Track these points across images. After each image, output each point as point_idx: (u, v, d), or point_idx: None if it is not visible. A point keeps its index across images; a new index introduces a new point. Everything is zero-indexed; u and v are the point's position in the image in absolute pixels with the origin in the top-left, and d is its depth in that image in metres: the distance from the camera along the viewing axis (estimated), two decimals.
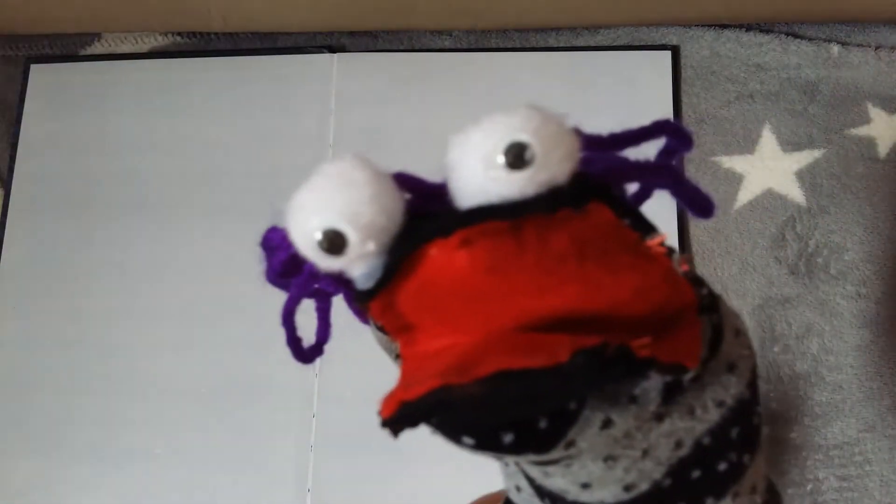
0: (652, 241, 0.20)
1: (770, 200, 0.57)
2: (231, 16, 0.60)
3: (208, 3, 0.59)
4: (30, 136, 0.64)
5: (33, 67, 0.65)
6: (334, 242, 0.19)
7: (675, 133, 0.22)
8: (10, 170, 0.63)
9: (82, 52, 0.65)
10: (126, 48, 0.65)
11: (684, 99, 0.59)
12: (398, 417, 0.18)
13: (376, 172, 0.19)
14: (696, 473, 0.21)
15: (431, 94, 0.61)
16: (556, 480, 0.22)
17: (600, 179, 0.20)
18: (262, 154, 0.61)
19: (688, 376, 0.20)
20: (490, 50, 0.61)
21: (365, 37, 0.63)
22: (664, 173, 0.22)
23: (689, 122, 0.58)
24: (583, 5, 0.57)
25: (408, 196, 0.20)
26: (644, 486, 0.21)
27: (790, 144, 0.58)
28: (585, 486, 0.22)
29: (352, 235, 0.19)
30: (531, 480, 0.22)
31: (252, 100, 0.62)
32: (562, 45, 0.61)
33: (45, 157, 0.63)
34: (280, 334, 0.24)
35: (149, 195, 0.62)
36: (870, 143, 0.57)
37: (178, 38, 0.64)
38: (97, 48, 0.65)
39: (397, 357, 0.22)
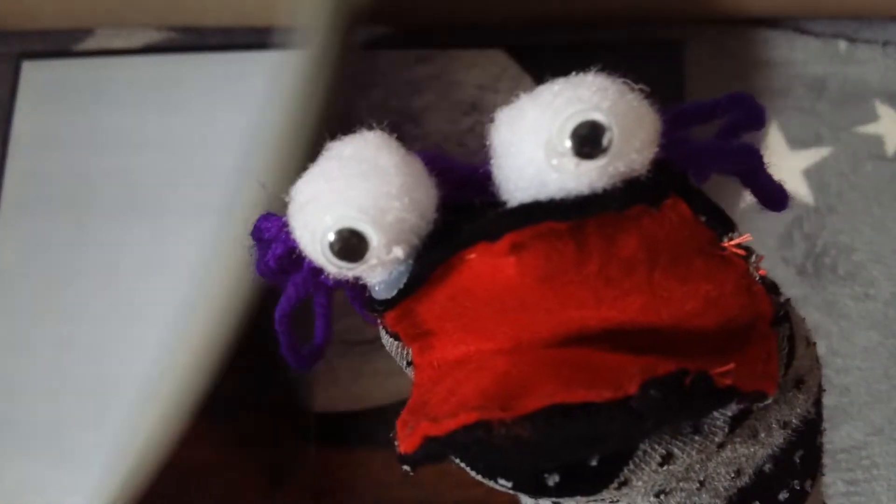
0: (729, 242, 0.17)
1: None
2: (226, 11, 0.60)
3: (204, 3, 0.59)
4: (21, 134, 0.63)
5: (25, 64, 0.64)
6: (352, 246, 0.15)
7: (748, 108, 0.19)
8: (2, 167, 0.63)
9: (75, 48, 0.65)
10: (119, 43, 0.65)
11: (689, 96, 0.59)
12: (422, 455, 0.15)
13: (405, 156, 0.16)
14: None
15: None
16: None
17: (679, 168, 0.17)
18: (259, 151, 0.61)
19: (765, 403, 0.17)
20: (490, 47, 0.61)
21: (363, 32, 0.63)
22: (748, 159, 0.18)
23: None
24: (585, 3, 0.56)
25: (438, 181, 0.16)
26: None
27: (797, 142, 0.57)
28: None
29: (374, 238, 0.15)
30: None
31: (248, 96, 0.62)
32: (564, 40, 0.61)
33: (36, 154, 0.63)
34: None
35: (142, 193, 0.61)
36: (878, 140, 0.57)
37: (172, 34, 0.64)
38: (90, 44, 0.65)
39: (409, 364, 0.19)
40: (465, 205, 0.16)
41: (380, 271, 0.16)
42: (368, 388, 0.57)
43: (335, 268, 0.16)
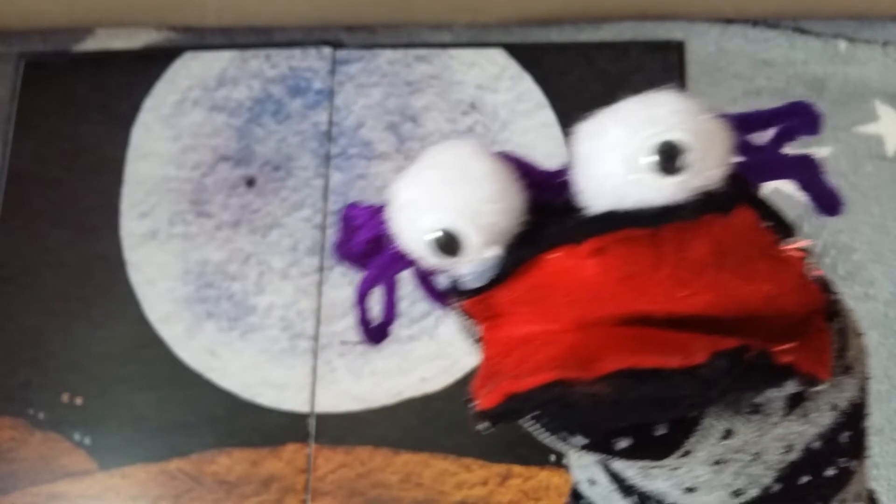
0: (789, 246, 0.18)
1: (777, 199, 0.56)
2: (226, 10, 0.60)
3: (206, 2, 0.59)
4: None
5: (26, 64, 0.65)
6: (450, 244, 0.17)
7: (805, 116, 0.20)
8: (2, 168, 0.63)
9: (75, 48, 0.65)
10: (119, 43, 0.64)
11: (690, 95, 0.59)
12: (503, 410, 0.17)
13: (495, 163, 0.18)
14: (804, 479, 0.20)
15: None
16: (658, 483, 0.20)
17: (748, 179, 0.18)
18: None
19: (819, 388, 0.18)
20: (490, 45, 0.61)
21: (363, 31, 0.63)
22: (807, 168, 0.20)
23: None
24: (584, 0, 0.56)
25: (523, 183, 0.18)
26: (753, 492, 0.20)
27: (797, 142, 0.57)
28: (690, 490, 0.20)
29: (472, 238, 0.17)
30: (618, 479, 0.21)
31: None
32: (564, 39, 0.60)
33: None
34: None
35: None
36: (878, 140, 0.57)
37: (172, 33, 0.64)
38: (90, 44, 0.65)
39: (477, 340, 0.21)
40: (545, 205, 0.18)
41: (472, 265, 0.18)
42: (368, 388, 0.57)
43: (433, 263, 0.18)
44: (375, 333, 0.23)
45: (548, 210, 0.18)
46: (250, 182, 0.61)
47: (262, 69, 0.62)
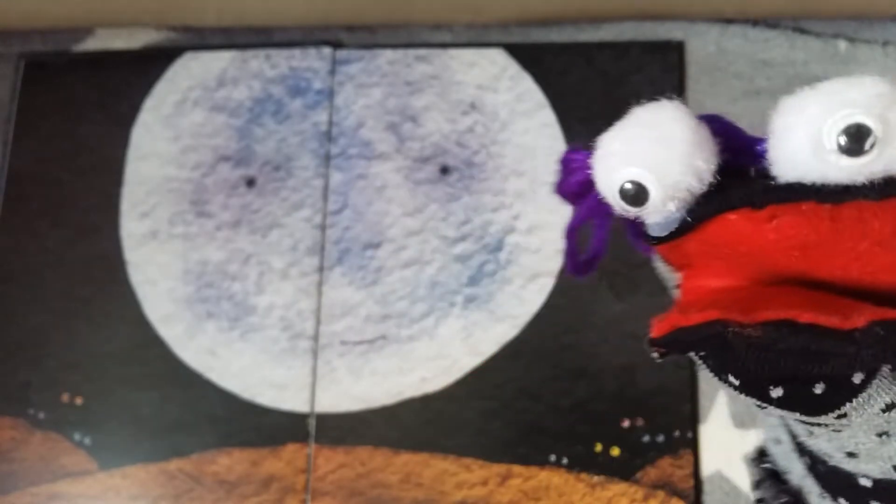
0: None
1: None
2: (226, 10, 0.60)
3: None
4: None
5: (26, 64, 0.65)
6: (637, 195, 0.19)
7: None
8: (2, 168, 0.63)
9: (75, 48, 0.65)
10: (119, 44, 0.65)
11: (689, 95, 0.59)
12: (669, 340, 0.19)
13: (693, 127, 0.19)
14: None
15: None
16: (820, 443, 0.21)
17: None
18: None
19: None
20: (490, 45, 0.61)
21: (363, 31, 0.63)
22: None
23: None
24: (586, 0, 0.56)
25: (719, 147, 0.20)
26: None
27: None
28: (851, 455, 0.21)
29: (655, 192, 0.19)
30: (793, 435, 0.22)
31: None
32: (564, 39, 0.60)
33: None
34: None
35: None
36: None
37: (172, 33, 0.64)
38: (90, 44, 0.65)
39: (675, 287, 0.23)
40: (740, 169, 0.19)
41: (656, 216, 0.20)
42: (368, 388, 0.57)
43: (623, 208, 0.20)
44: (582, 266, 0.25)
45: (741, 175, 0.19)
46: (250, 182, 0.61)
47: (262, 69, 0.63)
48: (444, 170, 0.59)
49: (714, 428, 0.54)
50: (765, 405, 0.19)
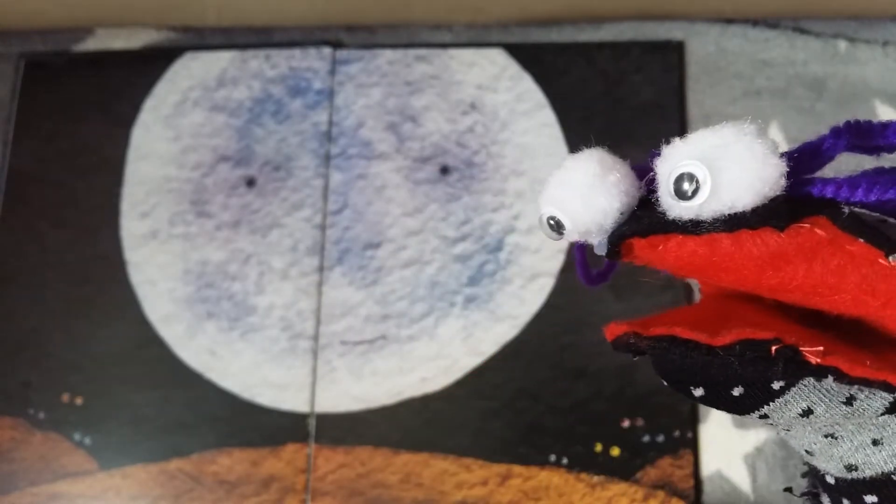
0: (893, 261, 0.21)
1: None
2: (226, 10, 0.60)
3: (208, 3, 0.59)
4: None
5: (26, 64, 0.65)
6: (557, 226, 0.24)
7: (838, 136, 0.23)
8: (2, 168, 0.63)
9: (75, 48, 0.65)
10: (119, 44, 0.65)
11: (689, 95, 0.59)
12: (613, 345, 0.22)
13: (597, 173, 0.23)
14: None
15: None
16: (789, 439, 0.23)
17: (823, 199, 0.21)
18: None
19: None
20: (490, 45, 0.61)
21: (363, 31, 0.63)
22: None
23: (694, 119, 0.58)
24: (584, 0, 0.56)
25: (644, 182, 0.23)
26: (869, 473, 0.22)
27: (797, 142, 0.57)
28: (809, 452, 0.23)
29: (567, 224, 0.23)
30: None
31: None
32: (564, 39, 0.60)
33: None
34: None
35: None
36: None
37: (172, 34, 0.64)
38: (90, 44, 0.65)
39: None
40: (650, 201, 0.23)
41: (592, 240, 0.24)
42: (368, 388, 0.57)
43: (547, 235, 0.24)
44: (595, 277, 0.29)
45: (640, 213, 0.23)
46: (250, 182, 0.61)
47: (262, 69, 0.63)
48: (444, 170, 0.59)
49: (714, 428, 0.54)
50: (691, 402, 0.22)
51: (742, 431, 0.53)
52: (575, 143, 0.58)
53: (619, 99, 0.59)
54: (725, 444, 0.53)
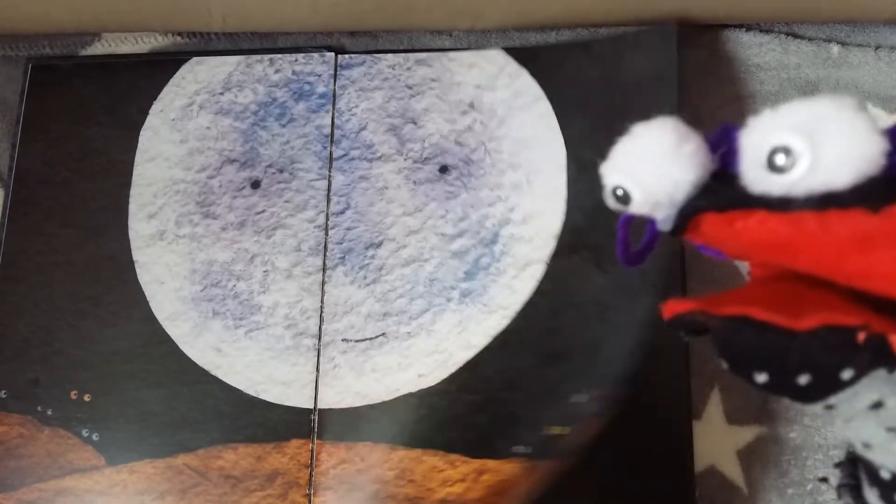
0: None
1: None
2: (231, 16, 0.60)
3: (208, 2, 0.59)
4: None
5: (33, 67, 0.65)
6: (624, 198, 0.23)
7: None
8: (11, 169, 0.63)
9: (82, 52, 0.65)
10: (126, 48, 0.65)
11: (683, 99, 0.59)
12: (671, 324, 0.22)
13: (673, 143, 0.22)
14: None
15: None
16: (841, 429, 0.22)
17: None
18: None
19: None
20: (488, 47, 0.61)
21: (365, 37, 0.63)
22: None
23: (688, 122, 0.58)
24: (582, 5, 0.57)
25: (718, 155, 0.22)
26: None
27: None
28: (866, 445, 0.22)
29: (636, 196, 0.22)
30: None
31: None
32: (562, 42, 0.61)
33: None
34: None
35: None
36: None
37: (178, 39, 0.64)
38: (97, 48, 0.65)
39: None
40: (732, 175, 0.21)
41: (656, 214, 0.23)
42: (369, 384, 0.57)
43: (612, 207, 0.23)
44: (634, 256, 0.27)
45: (719, 186, 0.22)
46: (255, 184, 0.61)
47: (266, 74, 0.63)
48: (444, 169, 0.60)
49: (707, 423, 0.54)
50: (755, 388, 0.21)
51: (736, 427, 0.54)
52: (571, 133, 0.58)
53: (616, 87, 0.59)
54: (719, 439, 0.53)
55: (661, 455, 0.53)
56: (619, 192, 0.23)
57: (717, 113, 0.59)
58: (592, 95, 0.59)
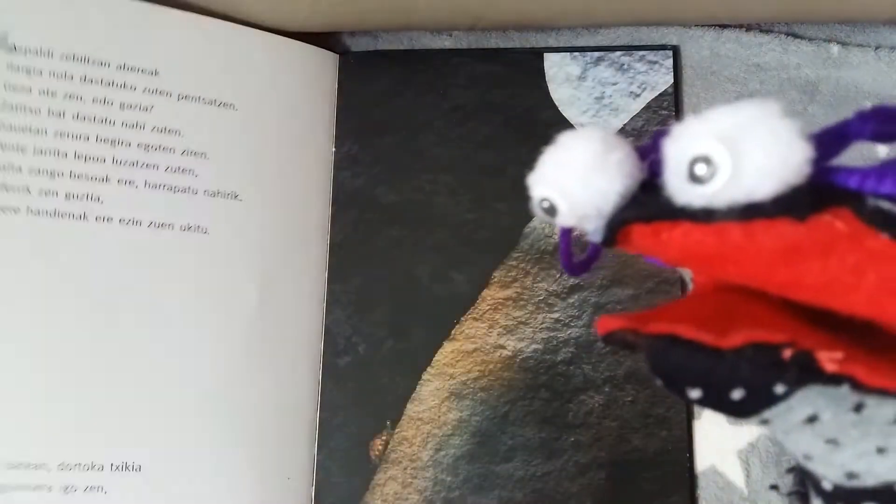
0: None
1: None
2: (233, 17, 0.60)
3: (209, 4, 0.59)
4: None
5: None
6: (550, 209, 0.22)
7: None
8: None
9: None
10: None
11: (684, 99, 0.59)
12: (603, 339, 0.21)
13: (598, 152, 0.21)
14: None
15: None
16: (785, 443, 0.22)
17: (846, 190, 0.19)
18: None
19: None
20: (489, 50, 0.61)
21: (365, 37, 0.63)
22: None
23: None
24: (583, 5, 0.57)
25: (647, 163, 0.21)
26: (871, 481, 0.21)
27: None
28: (807, 457, 0.22)
29: (562, 208, 0.21)
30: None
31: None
32: (561, 45, 0.61)
33: None
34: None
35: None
36: (870, 143, 0.57)
37: None
38: None
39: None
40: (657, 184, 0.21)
41: (584, 225, 0.22)
42: None
43: (545, 218, 0.22)
44: (578, 266, 0.27)
45: (644, 197, 0.21)
46: None
47: None
48: None
49: (708, 424, 0.54)
50: (692, 405, 0.20)
51: (736, 427, 0.54)
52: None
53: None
54: (719, 439, 0.54)
55: (661, 455, 0.53)
56: (546, 205, 0.22)
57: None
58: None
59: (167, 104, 0.55)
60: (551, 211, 0.22)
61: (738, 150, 0.18)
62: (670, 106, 0.58)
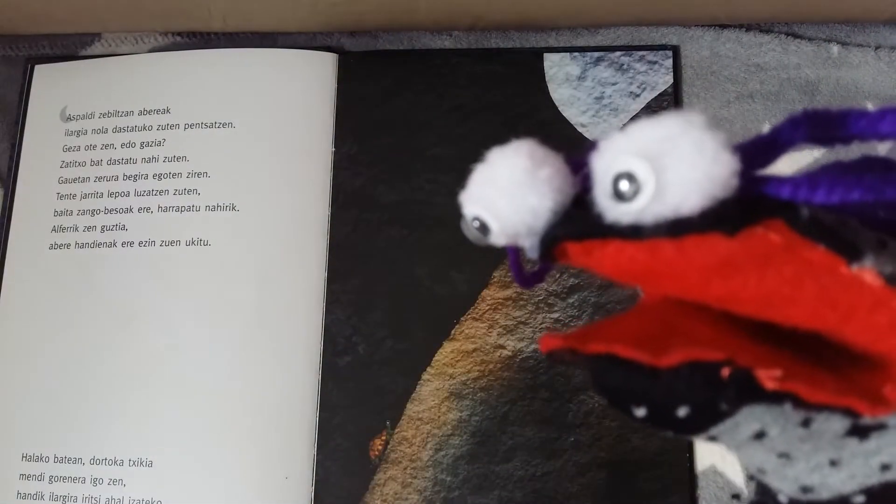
0: (861, 270, 0.18)
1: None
2: (231, 16, 0.60)
3: (208, 3, 0.59)
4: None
5: (32, 67, 0.65)
6: (483, 228, 0.21)
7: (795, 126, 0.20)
8: (11, 169, 0.63)
9: (82, 53, 0.65)
10: (126, 49, 0.65)
11: (684, 99, 0.59)
12: (548, 357, 0.20)
13: (526, 168, 0.20)
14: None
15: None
16: (739, 458, 0.21)
17: (779, 200, 0.19)
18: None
19: (866, 422, 0.19)
20: (490, 50, 0.61)
21: (365, 37, 0.63)
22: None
23: None
24: (583, 5, 0.57)
25: (580, 177, 0.21)
26: (825, 494, 0.20)
27: None
28: (761, 470, 0.21)
29: (493, 226, 0.21)
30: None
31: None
32: (562, 45, 0.61)
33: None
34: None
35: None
36: (870, 143, 0.57)
37: (178, 38, 0.64)
38: (97, 48, 0.65)
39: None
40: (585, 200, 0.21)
41: (511, 243, 0.22)
42: None
43: (478, 239, 0.22)
44: (529, 278, 0.26)
45: (575, 214, 0.21)
46: None
47: None
48: None
49: None
50: (637, 423, 0.20)
51: None
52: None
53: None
54: None
55: (661, 455, 0.53)
56: (476, 224, 0.21)
57: (717, 113, 0.59)
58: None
59: (176, 135, 0.60)
60: (483, 230, 0.21)
61: (662, 165, 0.18)
62: (670, 106, 0.58)
